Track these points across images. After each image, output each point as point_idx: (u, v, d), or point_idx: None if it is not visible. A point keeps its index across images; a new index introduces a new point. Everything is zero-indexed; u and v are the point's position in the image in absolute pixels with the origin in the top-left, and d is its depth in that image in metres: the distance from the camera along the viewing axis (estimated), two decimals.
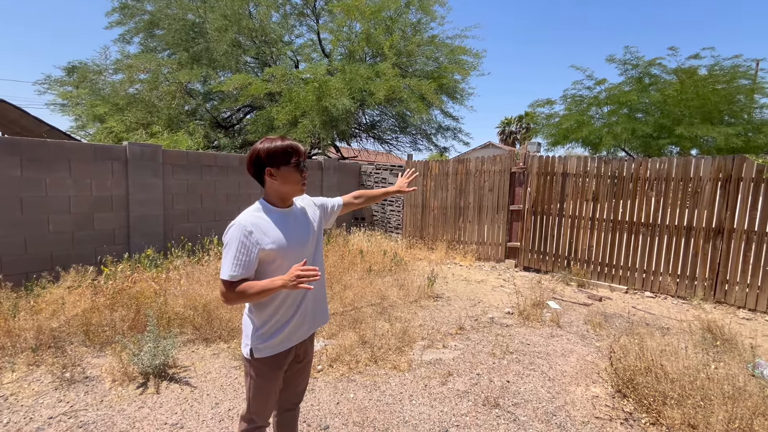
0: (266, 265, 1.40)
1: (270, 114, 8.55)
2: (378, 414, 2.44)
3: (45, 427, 2.21)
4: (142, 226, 5.15)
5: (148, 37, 9.84)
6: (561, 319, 4.14)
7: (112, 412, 2.37)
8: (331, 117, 8.30)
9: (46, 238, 4.43)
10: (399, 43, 9.32)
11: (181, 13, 9.37)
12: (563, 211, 6.03)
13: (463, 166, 7.16)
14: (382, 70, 8.58)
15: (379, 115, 11.35)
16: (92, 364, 2.89)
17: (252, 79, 8.58)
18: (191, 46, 9.37)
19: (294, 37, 11.05)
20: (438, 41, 10.38)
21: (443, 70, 10.06)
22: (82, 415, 2.34)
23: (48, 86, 9.17)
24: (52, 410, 2.37)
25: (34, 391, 2.55)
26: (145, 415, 2.36)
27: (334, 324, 3.61)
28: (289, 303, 1.47)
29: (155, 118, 8.79)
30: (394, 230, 8.32)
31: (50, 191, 4.43)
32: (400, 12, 9.86)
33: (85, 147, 4.74)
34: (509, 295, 5.02)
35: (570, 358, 3.28)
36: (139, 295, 3.60)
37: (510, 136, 41.27)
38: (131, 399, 2.51)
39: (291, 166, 1.42)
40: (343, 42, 9.84)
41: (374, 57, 10.05)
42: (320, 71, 8.43)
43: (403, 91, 8.53)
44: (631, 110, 11.84)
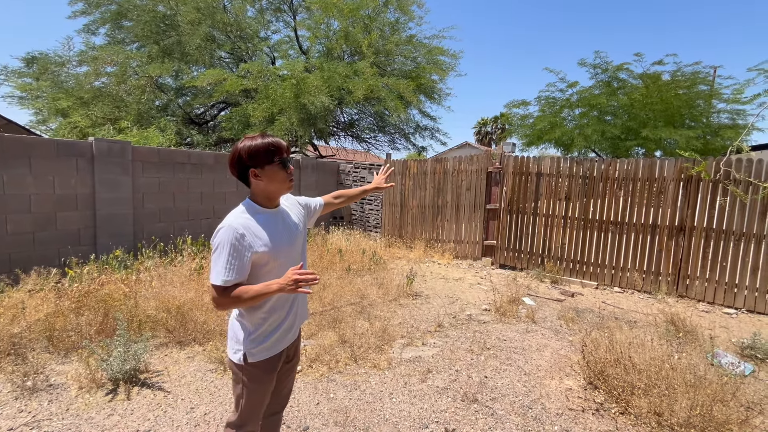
0: (258, 267, 1.37)
1: (246, 111, 8.37)
2: (358, 413, 2.44)
3: None
4: (109, 226, 4.93)
5: (116, 29, 9.42)
6: (536, 315, 4.26)
7: (78, 421, 2.26)
8: (309, 115, 8.21)
9: (3, 240, 4.17)
10: (377, 42, 9.32)
11: (151, 5, 9.02)
12: (537, 210, 6.20)
13: (441, 165, 7.24)
14: (361, 69, 8.56)
15: (358, 114, 11.33)
16: (56, 371, 2.74)
17: (227, 74, 8.38)
18: (162, 39, 9.04)
19: (270, 33, 10.86)
20: (416, 41, 10.45)
21: (421, 70, 10.14)
22: (46, 425, 2.22)
23: (5, 77, 8.62)
24: (12, 421, 2.23)
25: None
26: (115, 422, 2.26)
27: (314, 324, 3.58)
28: (281, 305, 1.45)
29: (123, 113, 8.43)
30: (373, 229, 8.33)
31: (8, 189, 4.18)
32: (378, 11, 9.85)
33: (46, 142, 4.49)
34: (486, 292, 5.12)
35: (544, 353, 3.38)
36: (108, 298, 3.45)
37: (486, 136, 42.07)
38: (100, 406, 2.40)
39: (275, 165, 1.38)
40: (321, 39, 9.75)
41: (352, 55, 10.01)
42: (298, 68, 8.32)
43: (381, 90, 8.54)
44: (600, 113, 12.32)
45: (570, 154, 13.07)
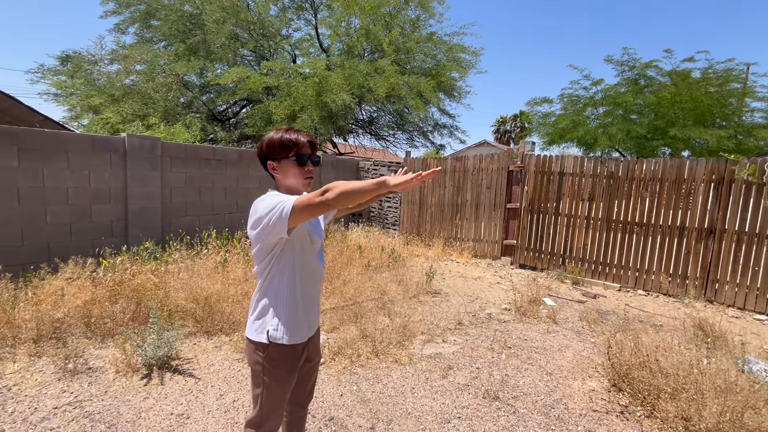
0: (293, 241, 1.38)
1: (268, 108, 8.52)
2: (381, 406, 2.49)
3: (50, 417, 2.22)
4: (140, 219, 5.12)
5: (144, 28, 9.71)
6: (557, 316, 4.22)
7: (117, 402, 2.39)
8: (330, 112, 8.29)
9: (43, 230, 4.39)
10: (398, 40, 9.32)
11: (178, 4, 9.27)
12: (559, 210, 6.11)
13: (461, 163, 7.21)
14: (382, 67, 8.58)
15: (377, 112, 11.36)
16: (94, 355, 2.89)
17: (250, 72, 8.53)
18: (188, 37, 9.27)
19: (292, 31, 10.99)
20: (436, 38, 10.40)
21: (441, 68, 10.09)
22: (87, 405, 2.35)
23: (41, 75, 9.02)
24: (56, 400, 2.37)
25: (37, 381, 2.55)
26: (151, 405, 2.37)
27: (336, 318, 3.64)
28: (307, 292, 1.47)
29: (151, 110, 8.70)
30: (391, 226, 8.36)
31: (48, 182, 4.39)
32: (399, 8, 9.84)
33: (83, 138, 4.70)
34: (506, 291, 5.10)
35: (566, 353, 3.36)
36: (139, 288, 3.60)
37: (505, 134, 41.48)
38: (136, 390, 2.53)
39: (290, 159, 1.39)
40: (342, 37, 9.81)
41: (373, 53, 10.04)
42: (320, 66, 8.41)
43: (402, 89, 8.55)
44: (626, 111, 12.00)
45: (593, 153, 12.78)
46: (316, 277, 1.52)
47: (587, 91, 12.91)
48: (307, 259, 1.44)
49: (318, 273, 1.52)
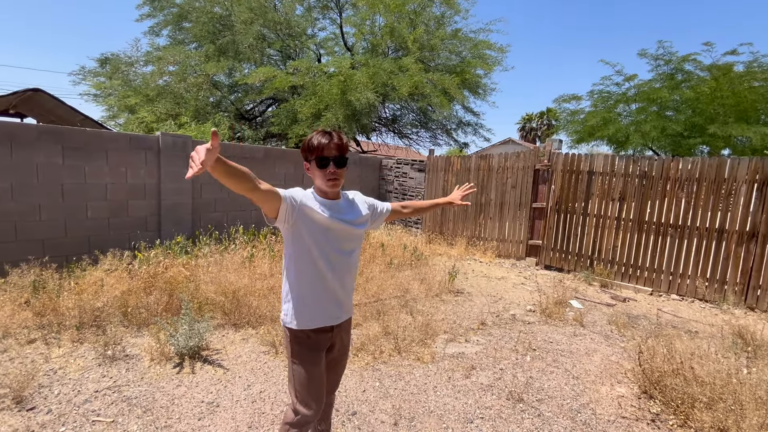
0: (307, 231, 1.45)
1: (293, 107, 8.66)
2: (404, 403, 2.50)
3: (92, 400, 2.36)
4: (172, 214, 5.33)
5: (177, 30, 10.07)
6: (584, 319, 4.11)
7: (152, 389, 2.51)
8: (354, 111, 8.35)
9: (84, 224, 4.64)
10: (422, 37, 9.27)
11: (208, 6, 9.54)
12: (588, 210, 5.93)
13: (485, 162, 7.11)
14: (406, 65, 8.56)
15: (401, 110, 11.34)
16: (131, 343, 3.04)
17: (276, 72, 8.70)
18: (218, 38, 9.55)
19: (317, 30, 11.11)
20: (461, 35, 10.27)
21: (466, 65, 9.96)
22: (125, 390, 2.48)
23: (82, 77, 9.51)
24: (97, 384, 2.52)
25: (79, 366, 2.71)
26: (183, 392, 2.48)
27: (359, 314, 3.68)
28: (317, 279, 1.51)
29: (183, 109, 9.02)
30: (413, 225, 8.35)
31: (89, 179, 4.64)
32: (424, 5, 9.78)
33: (121, 137, 4.93)
34: (531, 292, 5.00)
35: (594, 358, 3.27)
36: (172, 280, 3.75)
37: (531, 132, 40.54)
38: (169, 377, 2.64)
39: (315, 162, 1.47)
40: (366, 36, 9.84)
41: (397, 51, 10.03)
42: (345, 65, 8.47)
43: (426, 86, 8.50)
44: (661, 108, 11.49)
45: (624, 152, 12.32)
46: (338, 270, 1.53)
47: (619, 87, 12.44)
48: (321, 252, 1.48)
49: (340, 266, 1.54)
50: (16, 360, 2.71)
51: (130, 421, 2.20)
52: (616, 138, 12.08)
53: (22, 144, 4.17)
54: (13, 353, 2.80)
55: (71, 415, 2.21)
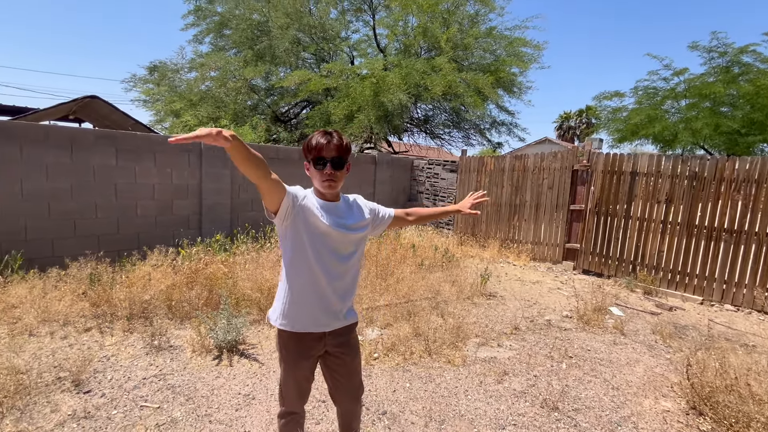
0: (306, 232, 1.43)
1: (327, 108, 8.82)
2: (434, 405, 2.49)
3: (140, 386, 2.52)
4: (212, 213, 5.59)
5: (218, 37, 10.52)
6: (625, 327, 3.91)
7: (193, 378, 2.65)
8: (386, 112, 8.38)
9: (134, 221, 4.97)
10: (456, 36, 9.16)
11: (247, 13, 9.91)
12: (630, 213, 5.63)
13: (520, 162, 6.93)
14: (439, 65, 8.49)
15: (433, 110, 11.26)
16: (175, 335, 3.22)
17: (311, 75, 8.89)
18: (255, 44, 9.89)
19: (351, 33, 11.25)
20: (496, 33, 10.05)
21: (501, 63, 9.73)
22: (170, 378, 2.63)
23: (133, 84, 10.17)
24: (145, 372, 2.69)
25: (129, 354, 2.91)
26: (221, 384, 2.60)
27: (389, 315, 3.70)
28: (310, 286, 1.47)
29: (222, 113, 9.43)
30: (445, 226, 8.27)
31: (138, 179, 4.96)
32: (457, 4, 9.66)
33: (167, 139, 5.23)
34: (567, 298, 4.82)
35: (636, 368, 3.10)
36: (212, 276, 3.94)
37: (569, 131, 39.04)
38: (209, 369, 2.78)
39: (312, 162, 1.45)
40: (399, 37, 9.85)
41: (430, 51, 9.96)
42: (377, 66, 8.53)
43: (459, 86, 8.40)
44: (714, 103, 10.71)
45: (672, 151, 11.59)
46: (333, 274, 1.48)
47: (667, 83, 11.72)
48: (316, 255, 1.44)
49: (335, 270, 1.49)
50: (74, 346, 2.95)
51: (174, 408, 2.33)
52: (662, 136, 11.39)
53: (81, 147, 4.53)
54: (72, 340, 3.04)
55: (122, 400, 2.38)
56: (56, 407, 2.27)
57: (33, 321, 3.16)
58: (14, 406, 2.24)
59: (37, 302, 3.37)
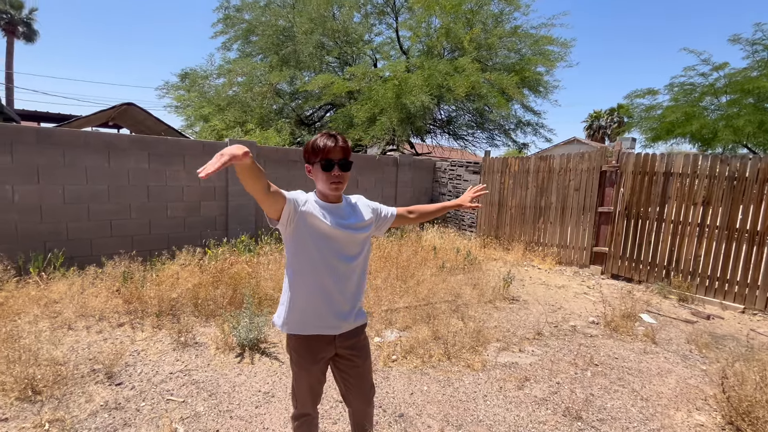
0: (311, 235, 1.43)
1: (350, 111, 8.91)
2: (451, 409, 2.46)
3: (167, 380, 2.63)
4: (237, 215, 5.76)
5: (246, 44, 10.84)
6: (657, 335, 3.73)
7: (216, 375, 2.73)
8: (408, 114, 8.38)
9: (164, 222, 5.19)
10: (479, 36, 9.05)
11: (273, 20, 10.16)
12: (663, 215, 5.38)
13: (545, 163, 6.75)
14: (461, 65, 8.41)
15: (456, 111, 11.16)
16: (200, 332, 3.34)
17: (334, 78, 9.01)
18: (281, 49, 10.12)
19: (374, 36, 11.32)
20: (521, 32, 9.85)
21: (526, 62, 9.54)
22: (194, 374, 2.73)
23: (166, 91, 10.62)
24: (171, 367, 2.80)
25: (158, 349, 3.04)
26: (243, 381, 2.67)
27: (408, 317, 3.69)
28: (316, 287, 1.47)
29: (249, 117, 9.70)
30: (467, 228, 8.17)
31: (169, 182, 5.17)
32: (481, 3, 9.55)
33: (195, 144, 5.44)
34: (594, 303, 4.65)
35: (668, 379, 2.95)
36: (236, 276, 4.05)
37: (599, 131, 37.73)
38: (231, 366, 2.86)
39: (318, 165, 1.44)
40: (422, 38, 9.83)
41: (453, 51, 9.89)
42: (399, 69, 8.55)
43: (482, 86, 8.29)
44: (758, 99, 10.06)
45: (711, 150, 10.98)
46: (339, 275, 1.49)
47: (705, 78, 11.10)
48: (322, 257, 1.45)
49: (341, 272, 1.49)
50: (108, 340, 3.11)
51: (197, 402, 2.42)
52: (700, 135, 10.79)
53: (117, 152, 4.77)
54: (107, 334, 3.21)
55: (150, 393, 2.48)
56: (90, 397, 2.40)
57: (72, 316, 3.36)
58: (53, 395, 2.38)
59: (76, 298, 3.58)
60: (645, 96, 12.14)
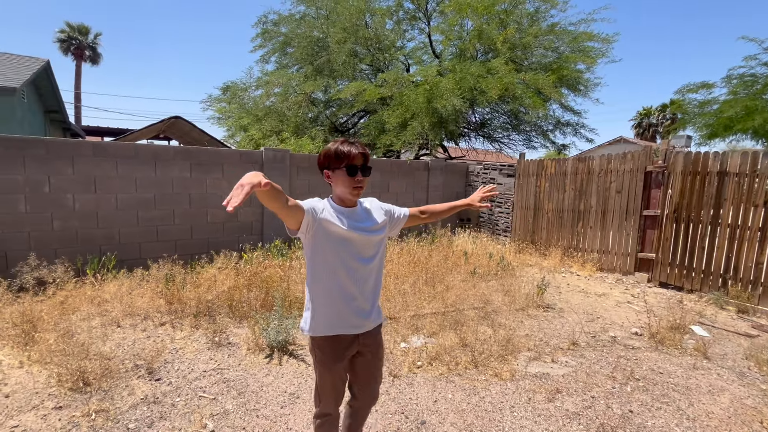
0: (329, 240, 1.49)
1: (381, 117, 8.99)
2: (476, 419, 2.40)
3: (200, 378, 2.77)
4: (272, 221, 5.97)
5: (282, 56, 11.29)
6: (709, 350, 3.43)
7: (246, 374, 2.84)
8: (440, 118, 8.32)
9: (204, 228, 5.49)
10: (513, 37, 8.84)
11: (308, 31, 10.51)
12: (719, 219, 4.94)
13: (584, 164, 6.44)
14: (494, 67, 8.25)
15: (490, 113, 10.94)
16: (233, 333, 3.49)
17: (366, 85, 9.15)
18: (315, 59, 10.44)
19: (406, 42, 11.38)
20: (559, 29, 9.51)
21: (564, 60, 9.18)
22: (226, 373, 2.85)
23: (209, 104, 11.27)
24: (205, 365, 2.95)
25: (194, 348, 3.21)
26: (270, 381, 2.76)
27: (435, 323, 3.64)
28: (337, 288, 1.53)
29: (285, 126, 10.06)
30: (502, 233, 7.94)
31: (209, 189, 5.47)
32: (515, 3, 9.33)
33: (233, 153, 5.72)
34: (638, 313, 4.35)
35: (720, 398, 2.70)
36: (269, 279, 4.20)
37: (649, 129, 35.45)
38: (260, 366, 2.96)
39: (342, 170, 1.49)
40: (454, 41, 9.75)
41: (486, 53, 9.73)
42: (431, 73, 8.53)
43: (517, 87, 8.07)
44: None
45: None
46: (358, 277, 1.55)
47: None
48: (341, 261, 1.51)
49: (360, 274, 1.55)
50: (151, 338, 3.33)
51: (227, 400, 2.52)
52: (764, 130, 9.85)
53: (162, 162, 5.12)
54: (150, 332, 3.43)
55: (185, 389, 2.63)
56: (132, 391, 2.57)
57: (119, 314, 3.63)
58: (101, 387, 2.58)
59: (124, 298, 3.87)
60: (698, 90, 11.29)
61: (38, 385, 2.58)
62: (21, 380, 2.63)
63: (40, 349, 2.85)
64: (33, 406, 2.38)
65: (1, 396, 2.46)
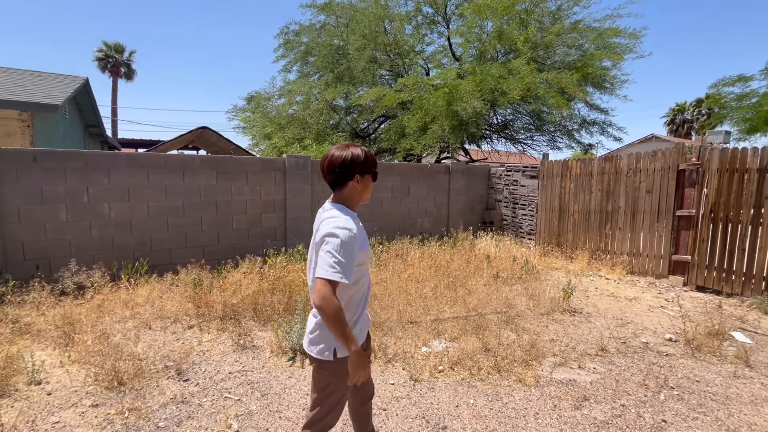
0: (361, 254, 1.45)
1: (402, 122, 9.02)
2: (498, 425, 2.35)
3: (226, 379, 2.85)
4: (295, 226, 6.09)
5: (304, 65, 11.54)
6: (752, 357, 3.22)
7: (269, 377, 2.90)
8: (460, 120, 8.27)
9: (230, 234, 5.66)
10: (535, 36, 8.68)
11: (328, 40, 10.72)
12: (760, 218, 4.66)
13: (611, 164, 6.23)
14: (515, 67, 8.13)
15: (512, 114, 10.77)
16: (258, 336, 3.57)
17: (386, 90, 9.21)
18: (336, 67, 10.61)
19: (425, 46, 11.39)
20: (582, 26, 9.28)
21: (588, 58, 8.94)
22: (250, 375, 2.92)
23: (234, 114, 11.66)
24: (231, 367, 3.03)
25: (220, 350, 3.31)
26: (293, 384, 2.80)
27: (457, 328, 3.60)
28: (363, 302, 1.55)
29: (307, 133, 10.26)
30: (526, 236, 7.77)
31: (234, 196, 5.64)
32: (536, 2, 9.18)
33: (257, 161, 5.88)
34: (672, 318, 4.15)
35: (764, 409, 2.53)
36: (291, 284, 4.28)
37: (683, 125, 33.90)
38: (283, 369, 3.02)
39: (372, 175, 1.53)
40: (474, 43, 9.69)
41: (506, 54, 9.60)
42: (450, 76, 8.50)
43: (539, 87, 7.92)
44: None
45: None
46: (365, 288, 1.58)
47: None
48: (367, 276, 1.54)
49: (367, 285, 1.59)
50: (180, 340, 3.45)
51: (251, 402, 2.59)
52: None
53: (190, 171, 5.33)
54: (179, 335, 3.57)
55: (211, 390, 2.71)
56: (162, 391, 2.68)
57: (151, 317, 3.79)
58: (133, 386, 2.70)
59: (155, 302, 4.04)
60: (735, 84, 10.71)
61: (76, 384, 2.72)
62: (61, 379, 2.79)
63: (79, 350, 3.02)
64: (72, 403, 2.52)
65: (43, 394, 2.62)
